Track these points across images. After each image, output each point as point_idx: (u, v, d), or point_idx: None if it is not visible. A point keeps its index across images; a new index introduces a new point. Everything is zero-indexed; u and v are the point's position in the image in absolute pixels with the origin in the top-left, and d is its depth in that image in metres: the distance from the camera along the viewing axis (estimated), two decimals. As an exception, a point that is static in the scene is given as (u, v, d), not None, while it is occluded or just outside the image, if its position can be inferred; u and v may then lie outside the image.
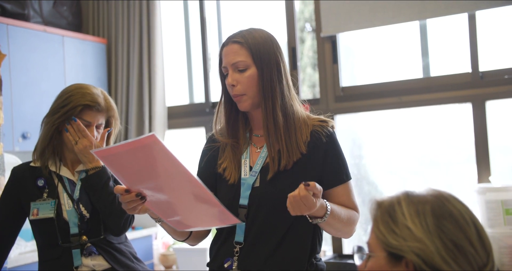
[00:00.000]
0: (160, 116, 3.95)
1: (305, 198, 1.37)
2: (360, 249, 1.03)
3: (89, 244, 1.92)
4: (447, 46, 3.34)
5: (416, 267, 0.93)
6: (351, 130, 3.68)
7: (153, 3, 3.96)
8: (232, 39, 1.62)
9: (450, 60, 3.32)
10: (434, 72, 3.29)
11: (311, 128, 1.64)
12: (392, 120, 3.52)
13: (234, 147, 1.67)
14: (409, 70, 3.43)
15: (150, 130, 3.95)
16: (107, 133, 2.00)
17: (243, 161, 1.65)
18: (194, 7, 4.14)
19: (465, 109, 3.13)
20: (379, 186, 3.64)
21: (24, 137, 3.35)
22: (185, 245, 3.66)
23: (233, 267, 1.58)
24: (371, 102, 3.38)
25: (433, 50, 3.31)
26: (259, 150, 1.66)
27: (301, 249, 1.59)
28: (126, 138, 3.97)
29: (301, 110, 1.68)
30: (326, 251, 3.48)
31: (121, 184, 1.45)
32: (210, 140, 1.76)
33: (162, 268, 3.84)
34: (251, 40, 1.59)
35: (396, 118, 3.49)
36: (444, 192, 1.00)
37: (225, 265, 1.60)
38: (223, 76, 1.66)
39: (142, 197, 1.41)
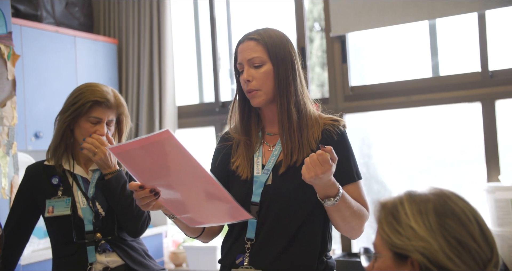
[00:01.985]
0: (170, 116, 3.99)
1: (321, 156, 1.39)
2: (366, 250, 1.05)
3: (103, 241, 1.95)
4: (456, 46, 3.34)
5: (421, 266, 0.95)
6: (360, 130, 3.69)
7: (164, 3, 3.99)
8: (249, 37, 1.65)
9: (459, 60, 3.32)
10: (444, 71, 3.29)
11: (323, 127, 1.66)
12: (401, 120, 3.53)
13: (247, 145, 1.69)
14: (418, 69, 3.43)
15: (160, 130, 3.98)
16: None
17: (255, 159, 1.67)
18: (204, 7, 4.16)
19: (475, 109, 3.13)
20: (388, 185, 3.65)
21: (36, 136, 3.39)
22: (195, 243, 3.70)
23: (244, 264, 1.60)
24: (380, 102, 3.40)
25: (443, 50, 3.31)
26: (271, 148, 1.68)
27: (312, 246, 1.60)
28: (136, 137, 4.00)
29: (313, 109, 1.70)
30: (335, 250, 3.50)
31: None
32: (223, 139, 1.79)
33: (172, 266, 3.87)
34: (267, 37, 1.63)
35: (405, 117, 3.50)
36: (446, 190, 1.02)
37: (237, 262, 1.62)
38: (238, 74, 1.69)
39: (155, 193, 1.44)
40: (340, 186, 1.51)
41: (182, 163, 1.32)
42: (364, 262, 1.06)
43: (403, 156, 3.57)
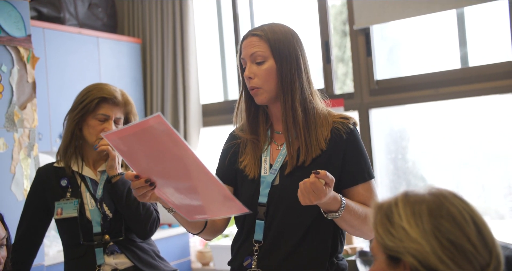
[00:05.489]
0: (194, 114, 3.97)
1: (314, 184, 1.35)
2: (362, 253, 1.00)
3: (111, 243, 1.94)
4: (486, 35, 3.19)
5: (412, 269, 0.89)
6: (388, 124, 3.58)
7: (186, 3, 3.98)
8: (252, 32, 1.61)
9: (489, 49, 3.18)
10: (473, 62, 3.15)
11: (332, 125, 1.59)
12: (430, 113, 3.41)
13: (254, 144, 1.65)
14: (446, 61, 3.30)
15: (185, 129, 3.97)
16: None
17: (263, 158, 1.63)
18: (227, 5, 4.13)
19: (507, 100, 2.99)
20: (428, 180, 3.52)
21: (61, 137, 3.43)
22: (221, 242, 3.67)
23: (252, 266, 1.56)
24: (407, 95, 3.28)
25: (472, 39, 3.17)
26: (279, 147, 1.63)
27: (322, 248, 1.55)
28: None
29: (322, 106, 1.64)
30: (363, 248, 3.41)
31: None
32: (231, 137, 1.75)
33: (199, 265, 3.86)
34: (270, 33, 1.58)
35: (434, 110, 3.37)
36: (444, 190, 0.96)
37: (244, 264, 1.58)
38: (242, 70, 1.65)
39: (151, 183, 1.41)
40: (343, 198, 1.46)
41: (174, 150, 1.29)
42: (360, 265, 1.00)
43: (437, 149, 3.44)
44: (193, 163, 1.30)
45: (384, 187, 3.52)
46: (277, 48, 1.57)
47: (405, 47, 3.61)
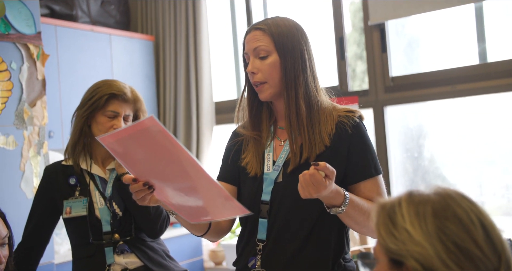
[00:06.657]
0: (207, 112, 3.94)
1: (313, 176, 1.30)
2: (364, 255, 0.95)
3: (121, 242, 1.91)
4: (505, 30, 3.10)
5: None
6: (405, 122, 3.50)
7: (199, 1, 3.94)
8: (255, 26, 1.57)
9: (508, 45, 3.09)
10: (492, 57, 3.06)
11: (337, 119, 1.54)
12: (450, 110, 3.32)
13: (256, 141, 1.61)
14: (463, 56, 3.21)
15: (198, 127, 3.94)
16: None
17: (266, 154, 1.59)
18: (240, 4, 4.08)
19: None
20: (449, 179, 3.44)
21: (73, 135, 3.42)
22: (234, 242, 3.63)
23: (256, 266, 1.52)
24: (423, 92, 3.20)
25: (490, 34, 3.08)
26: (282, 143, 1.59)
27: (327, 248, 1.50)
28: (174, 134, 3.98)
29: (327, 101, 1.60)
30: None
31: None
32: (233, 135, 1.71)
33: (212, 264, 3.83)
34: (274, 27, 1.54)
35: (454, 107, 3.29)
36: (450, 190, 0.90)
37: (249, 265, 1.55)
38: (245, 65, 1.61)
39: (149, 187, 1.37)
40: (347, 193, 1.41)
41: (170, 152, 1.26)
42: (360, 267, 0.95)
43: (455, 147, 3.36)
44: (190, 165, 1.27)
45: (400, 185, 3.45)
46: (280, 42, 1.52)
47: (422, 43, 3.52)
